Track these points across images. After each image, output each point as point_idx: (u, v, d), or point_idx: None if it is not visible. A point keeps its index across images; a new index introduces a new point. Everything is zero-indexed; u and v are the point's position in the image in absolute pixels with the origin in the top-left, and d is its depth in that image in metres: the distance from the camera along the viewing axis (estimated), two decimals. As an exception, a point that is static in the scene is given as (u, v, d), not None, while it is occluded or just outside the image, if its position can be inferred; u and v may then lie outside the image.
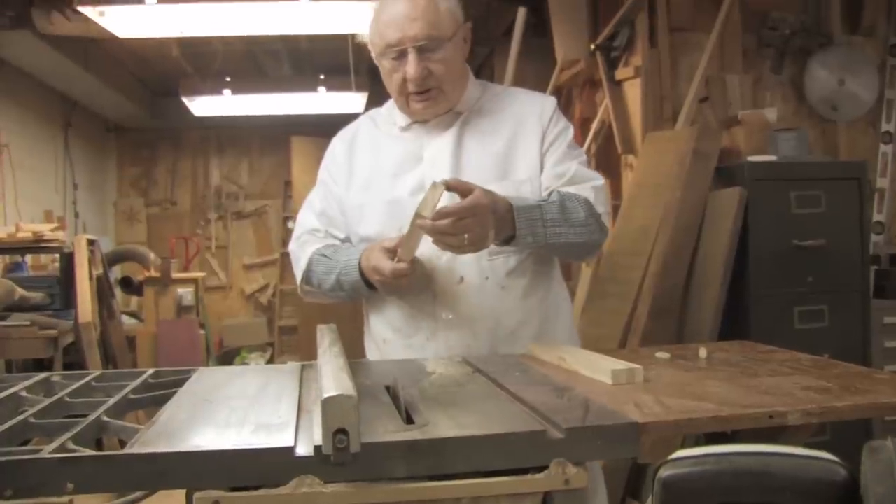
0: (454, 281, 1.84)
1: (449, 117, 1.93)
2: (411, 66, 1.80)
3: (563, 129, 1.95)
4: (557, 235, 1.76)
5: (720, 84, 3.93)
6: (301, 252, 1.97)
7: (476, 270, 1.84)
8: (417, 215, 1.58)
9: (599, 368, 1.49)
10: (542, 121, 1.93)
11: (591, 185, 1.88)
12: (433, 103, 1.87)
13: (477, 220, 1.61)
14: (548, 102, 2.00)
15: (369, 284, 1.81)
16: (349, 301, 1.96)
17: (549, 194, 1.83)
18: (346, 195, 1.97)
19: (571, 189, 1.85)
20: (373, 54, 1.91)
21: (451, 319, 1.84)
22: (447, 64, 1.84)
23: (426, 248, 1.80)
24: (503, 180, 1.86)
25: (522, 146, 1.91)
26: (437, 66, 1.82)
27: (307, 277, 1.95)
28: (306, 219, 2.03)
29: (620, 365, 1.47)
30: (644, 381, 1.45)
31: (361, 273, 1.81)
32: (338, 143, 2.05)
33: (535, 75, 4.66)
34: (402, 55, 1.81)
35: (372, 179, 1.94)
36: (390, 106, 2.03)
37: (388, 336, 1.93)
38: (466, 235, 1.61)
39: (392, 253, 1.71)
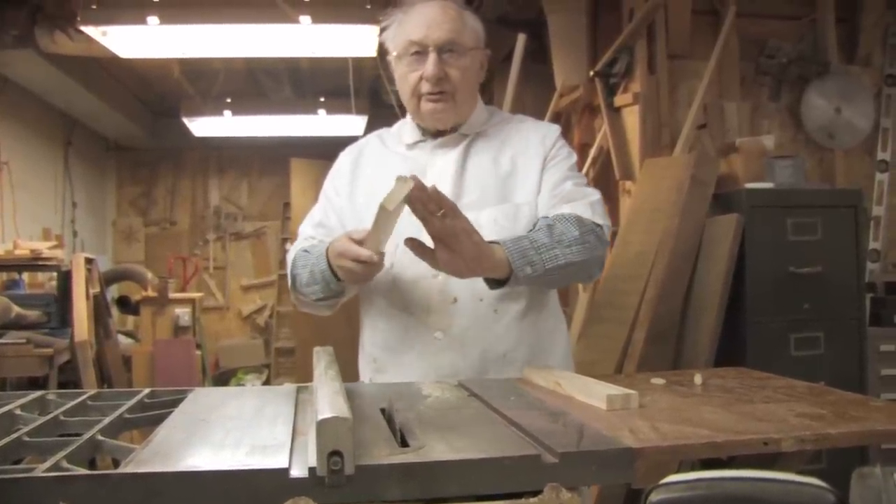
0: (448, 301, 1.84)
1: (455, 138, 1.95)
2: (430, 65, 1.84)
3: (566, 156, 1.96)
4: (554, 258, 1.70)
5: (718, 111, 3.96)
6: (291, 257, 1.98)
7: (470, 291, 1.83)
8: (382, 208, 1.52)
9: (594, 394, 1.49)
10: (544, 146, 1.95)
11: (588, 201, 1.86)
12: (444, 108, 1.89)
13: (461, 221, 1.56)
14: (551, 129, 2.01)
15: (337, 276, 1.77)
16: (327, 295, 1.87)
17: (535, 224, 1.81)
18: (347, 206, 1.98)
19: (566, 208, 1.83)
20: (392, 54, 1.93)
21: (442, 339, 1.84)
22: (464, 73, 1.88)
23: (421, 266, 1.80)
24: (502, 203, 1.88)
25: (523, 171, 1.92)
26: (454, 71, 1.86)
27: (293, 279, 1.94)
28: (304, 230, 2.04)
29: (615, 390, 1.47)
30: (639, 407, 1.45)
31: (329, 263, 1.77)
32: (344, 157, 2.08)
33: (534, 101, 4.69)
34: (422, 55, 1.85)
35: (374, 192, 1.90)
36: (399, 125, 2.07)
37: (378, 354, 1.93)
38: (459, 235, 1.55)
39: (359, 243, 1.67)
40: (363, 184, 1.99)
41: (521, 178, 1.91)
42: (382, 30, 1.98)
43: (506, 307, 1.86)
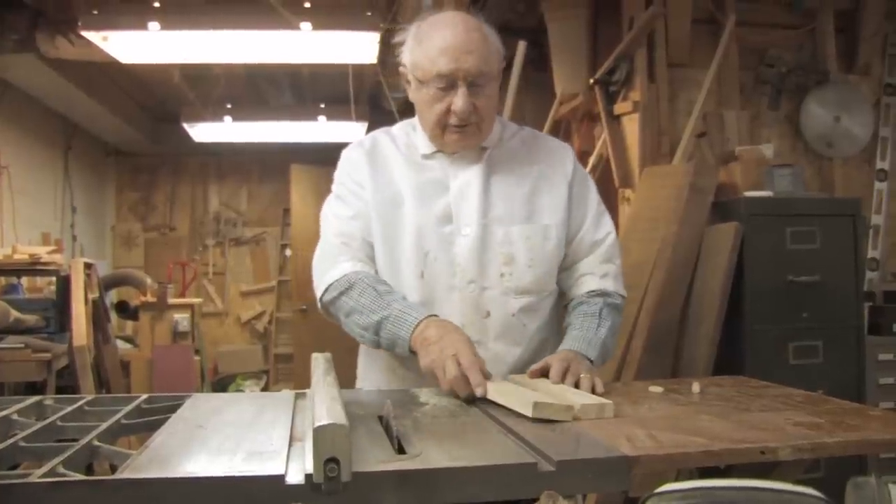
0: (482, 315, 1.84)
1: (475, 151, 1.91)
2: (460, 100, 1.78)
3: (592, 186, 2.05)
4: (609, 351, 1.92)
5: (718, 120, 3.96)
6: (335, 261, 1.87)
7: (503, 306, 1.85)
8: (528, 406, 1.39)
9: (570, 403, 1.48)
10: (565, 170, 1.97)
11: (616, 271, 1.99)
12: (468, 137, 1.85)
13: (575, 363, 1.72)
14: (567, 150, 2.04)
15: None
16: (371, 345, 1.82)
17: (601, 311, 1.90)
18: (373, 202, 1.90)
19: (601, 278, 1.95)
20: (410, 77, 1.87)
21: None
22: (490, 101, 1.84)
23: (455, 279, 1.82)
24: (529, 223, 1.88)
25: (547, 191, 1.93)
26: (482, 101, 1.81)
27: (335, 299, 1.84)
28: (337, 224, 1.92)
29: (591, 399, 1.47)
30: (637, 416, 1.45)
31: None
32: (355, 152, 1.98)
33: (534, 108, 4.69)
34: (450, 86, 1.79)
35: (397, 199, 1.89)
36: (406, 129, 2.01)
37: (398, 366, 1.88)
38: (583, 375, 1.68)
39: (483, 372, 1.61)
40: (383, 184, 1.91)
41: (547, 200, 1.92)
42: (395, 44, 1.92)
43: (532, 321, 1.89)
